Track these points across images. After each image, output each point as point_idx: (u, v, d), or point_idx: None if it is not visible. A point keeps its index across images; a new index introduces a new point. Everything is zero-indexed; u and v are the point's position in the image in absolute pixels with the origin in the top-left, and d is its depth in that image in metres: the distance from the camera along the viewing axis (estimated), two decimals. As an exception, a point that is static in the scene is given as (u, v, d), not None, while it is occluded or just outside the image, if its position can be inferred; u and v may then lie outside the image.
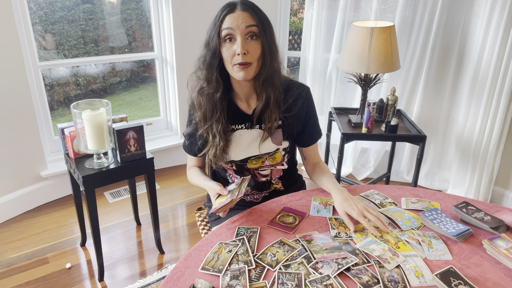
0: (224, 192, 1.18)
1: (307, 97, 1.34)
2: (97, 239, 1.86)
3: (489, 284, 0.94)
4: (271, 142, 1.33)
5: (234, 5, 1.17)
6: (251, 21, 1.15)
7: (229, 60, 1.18)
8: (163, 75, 2.88)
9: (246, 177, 1.24)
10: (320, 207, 1.24)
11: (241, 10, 1.16)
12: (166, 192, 2.71)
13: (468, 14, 2.36)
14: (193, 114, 1.34)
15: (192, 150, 1.41)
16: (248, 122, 1.31)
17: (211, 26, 1.20)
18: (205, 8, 2.67)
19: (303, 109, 1.33)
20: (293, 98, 1.31)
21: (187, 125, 1.39)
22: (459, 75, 2.50)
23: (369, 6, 2.59)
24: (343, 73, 2.72)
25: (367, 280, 0.94)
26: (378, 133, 2.17)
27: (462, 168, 2.57)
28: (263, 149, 1.33)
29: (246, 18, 1.15)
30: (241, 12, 1.16)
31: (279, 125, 1.32)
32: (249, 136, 1.32)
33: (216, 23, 1.17)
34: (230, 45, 1.16)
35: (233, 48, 1.16)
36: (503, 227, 1.13)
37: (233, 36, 1.16)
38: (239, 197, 1.13)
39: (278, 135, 1.32)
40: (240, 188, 1.17)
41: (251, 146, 1.32)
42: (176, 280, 0.95)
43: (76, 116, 1.64)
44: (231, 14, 1.16)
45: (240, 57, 1.15)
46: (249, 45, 1.16)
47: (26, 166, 2.41)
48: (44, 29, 2.46)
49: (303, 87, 1.34)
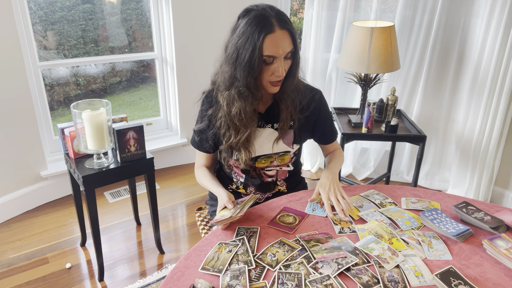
0: (230, 206, 1.18)
1: (320, 100, 1.37)
2: (97, 239, 1.86)
3: (489, 284, 0.94)
4: (282, 143, 1.34)
5: (272, 25, 1.11)
6: (290, 44, 1.15)
7: (266, 78, 1.19)
8: (163, 75, 2.88)
9: (255, 195, 1.26)
10: (316, 206, 1.25)
11: (280, 29, 1.12)
12: (166, 192, 2.71)
13: (468, 14, 2.36)
14: (206, 110, 1.32)
15: (203, 146, 1.38)
16: (261, 121, 1.32)
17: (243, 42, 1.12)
18: (205, 8, 2.67)
19: (315, 112, 1.36)
20: (306, 101, 1.33)
21: (198, 121, 1.37)
22: (459, 75, 2.50)
23: (369, 6, 2.59)
24: (343, 73, 2.72)
25: (367, 280, 0.94)
26: (378, 133, 2.17)
27: (462, 168, 2.57)
28: (276, 149, 1.34)
29: (286, 39, 1.13)
30: (281, 32, 1.12)
31: (291, 125, 1.33)
32: (262, 134, 1.32)
33: (256, 44, 1.11)
34: (269, 66, 1.17)
35: (272, 68, 1.16)
36: (503, 227, 1.13)
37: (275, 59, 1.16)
38: (239, 215, 1.12)
39: (290, 135, 1.34)
40: (244, 206, 1.17)
41: (263, 145, 1.33)
42: (176, 280, 0.95)
43: (76, 116, 1.64)
44: (272, 35, 1.11)
45: (278, 77, 1.17)
46: (285, 64, 1.18)
47: (26, 166, 2.41)
48: (44, 29, 2.46)
49: (316, 90, 1.37)
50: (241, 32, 1.13)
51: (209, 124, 1.32)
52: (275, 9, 1.15)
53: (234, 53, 1.15)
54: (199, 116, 1.37)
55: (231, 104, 1.23)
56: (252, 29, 1.11)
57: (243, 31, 1.13)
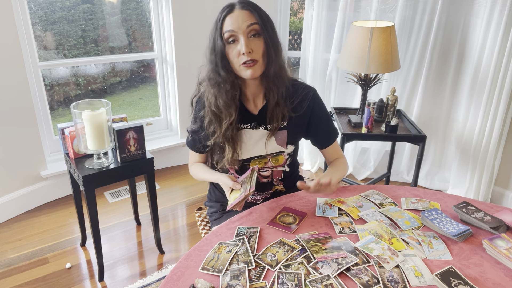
0: (237, 186, 1.20)
1: (313, 99, 1.34)
2: (97, 239, 1.86)
3: (489, 284, 0.94)
4: (275, 143, 1.33)
5: (233, 5, 1.18)
6: (251, 19, 1.16)
7: (235, 60, 1.19)
8: (163, 75, 2.88)
9: (254, 167, 1.25)
10: (326, 208, 1.24)
11: (240, 9, 1.16)
12: (166, 192, 2.71)
13: (468, 14, 2.36)
14: (198, 111, 1.34)
15: (196, 146, 1.41)
16: (253, 122, 1.32)
17: (212, 30, 1.20)
18: (205, 8, 2.67)
19: (309, 110, 1.34)
20: (299, 99, 1.31)
21: (192, 121, 1.39)
22: (459, 75, 2.50)
23: (369, 6, 2.59)
24: (343, 73, 2.72)
25: (367, 280, 0.94)
26: (378, 133, 2.17)
27: (462, 168, 2.57)
28: (269, 149, 1.33)
29: (246, 17, 1.16)
30: (240, 11, 1.16)
31: (284, 126, 1.32)
32: (254, 135, 1.32)
33: (217, 26, 1.18)
34: (234, 46, 1.17)
35: (237, 48, 1.17)
36: (503, 227, 1.13)
37: (236, 37, 1.16)
38: (251, 191, 1.14)
39: (283, 135, 1.33)
40: (251, 180, 1.18)
41: (256, 146, 1.33)
42: (176, 280, 0.95)
43: (76, 116, 1.64)
44: (231, 14, 1.16)
45: (245, 56, 1.16)
46: (252, 43, 1.17)
47: (26, 166, 2.41)
48: (44, 29, 2.46)
49: (309, 88, 1.35)
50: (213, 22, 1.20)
51: (201, 125, 1.34)
52: None
53: (207, 43, 1.22)
54: (193, 116, 1.39)
55: (210, 93, 1.26)
56: (217, 16, 1.19)
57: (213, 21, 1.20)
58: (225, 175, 1.27)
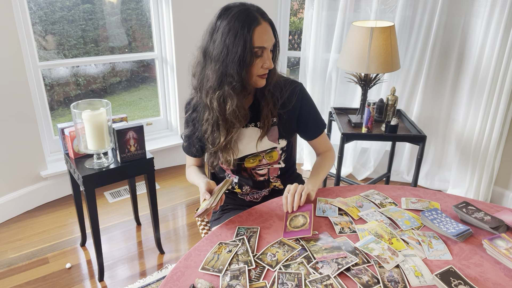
0: (206, 196, 1.20)
1: (301, 93, 1.36)
2: (97, 239, 1.86)
3: (489, 284, 0.94)
4: (267, 140, 1.34)
5: (257, 17, 1.15)
6: (272, 35, 1.18)
7: (254, 71, 1.20)
8: (163, 75, 2.88)
9: (229, 179, 1.25)
10: (326, 207, 1.24)
11: (264, 21, 1.16)
12: (166, 192, 2.71)
13: (468, 14, 2.36)
14: (190, 116, 1.35)
15: (191, 151, 1.42)
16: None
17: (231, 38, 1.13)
18: (205, 8, 2.67)
19: (297, 105, 1.35)
20: (287, 95, 1.33)
21: (184, 126, 1.40)
22: (459, 75, 2.50)
23: (369, 6, 2.59)
24: (343, 73, 2.72)
25: (367, 280, 0.94)
26: (378, 133, 2.17)
27: (462, 168, 2.57)
28: (260, 147, 1.33)
29: (269, 31, 1.18)
30: (265, 24, 1.16)
31: (274, 122, 1.33)
32: (245, 134, 1.32)
33: (246, 38, 1.12)
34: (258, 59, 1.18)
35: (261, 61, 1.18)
36: (503, 227, 1.13)
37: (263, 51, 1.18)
38: (213, 205, 1.14)
39: (274, 132, 1.34)
40: (219, 193, 1.18)
41: (248, 144, 1.33)
42: (176, 280, 0.96)
43: (76, 116, 1.64)
44: (259, 27, 1.15)
45: (267, 68, 1.19)
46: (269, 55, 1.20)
47: (26, 166, 2.41)
48: (44, 29, 2.46)
49: (296, 83, 1.36)
50: (226, 30, 1.14)
51: (193, 129, 1.35)
52: (253, 4, 1.19)
53: (222, 52, 1.15)
54: (184, 121, 1.39)
55: (225, 102, 1.22)
56: (239, 24, 1.13)
57: (228, 28, 1.14)
58: (204, 181, 1.25)
